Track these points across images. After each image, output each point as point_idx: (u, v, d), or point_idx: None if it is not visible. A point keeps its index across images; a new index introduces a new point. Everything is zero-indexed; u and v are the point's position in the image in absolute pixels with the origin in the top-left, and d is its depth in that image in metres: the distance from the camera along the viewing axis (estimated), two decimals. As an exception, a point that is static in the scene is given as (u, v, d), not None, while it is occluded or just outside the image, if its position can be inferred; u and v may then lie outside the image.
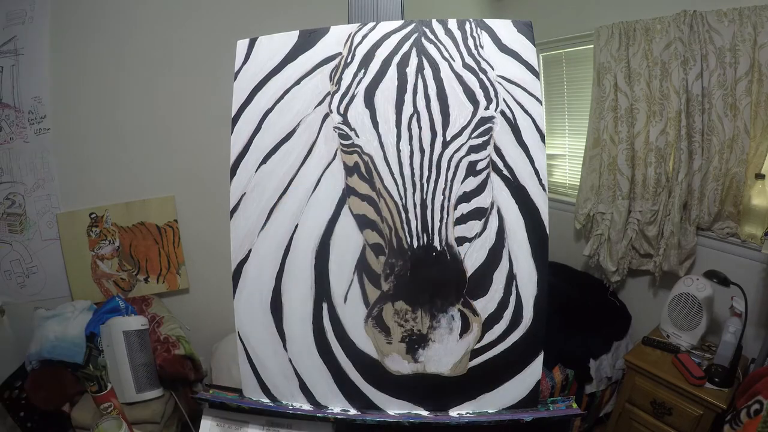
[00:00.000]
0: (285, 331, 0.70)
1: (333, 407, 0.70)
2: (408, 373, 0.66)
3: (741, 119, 1.68)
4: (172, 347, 1.63)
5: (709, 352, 1.71)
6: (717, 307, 1.77)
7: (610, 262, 2.17)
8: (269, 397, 0.71)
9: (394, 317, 0.66)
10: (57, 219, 1.80)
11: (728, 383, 1.56)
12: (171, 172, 1.97)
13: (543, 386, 1.74)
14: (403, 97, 0.65)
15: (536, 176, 0.66)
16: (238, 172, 0.70)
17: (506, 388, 0.68)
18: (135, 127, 1.84)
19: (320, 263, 0.68)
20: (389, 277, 0.65)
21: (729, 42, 1.65)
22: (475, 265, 0.66)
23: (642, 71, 1.92)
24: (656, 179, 1.96)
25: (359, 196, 0.66)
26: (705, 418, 1.54)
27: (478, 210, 0.66)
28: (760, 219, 1.67)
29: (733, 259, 1.80)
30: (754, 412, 1.22)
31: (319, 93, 0.67)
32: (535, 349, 0.67)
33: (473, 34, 0.66)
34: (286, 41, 0.69)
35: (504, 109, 0.66)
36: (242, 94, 0.70)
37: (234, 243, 0.71)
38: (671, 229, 1.94)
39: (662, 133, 1.91)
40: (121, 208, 1.91)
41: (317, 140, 0.68)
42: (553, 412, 0.67)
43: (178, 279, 2.05)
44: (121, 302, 1.64)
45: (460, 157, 0.65)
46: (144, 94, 1.79)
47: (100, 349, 1.50)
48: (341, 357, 0.69)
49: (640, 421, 1.76)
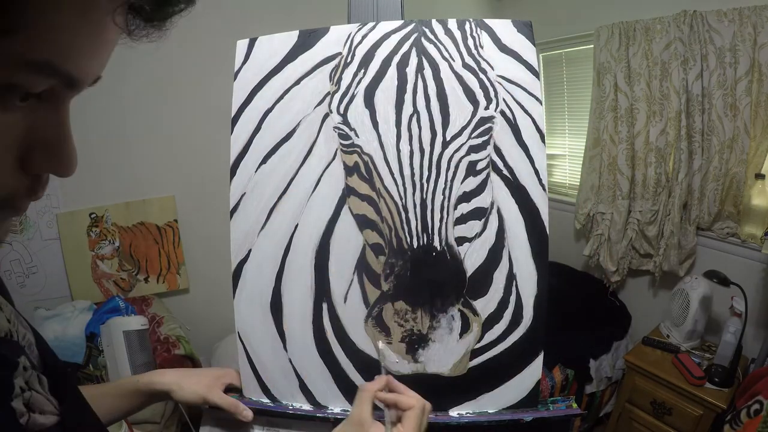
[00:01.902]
0: (285, 331, 0.70)
1: (333, 407, 0.70)
2: (408, 373, 0.66)
3: (741, 119, 1.68)
4: (172, 347, 1.63)
5: (709, 352, 1.71)
6: (717, 307, 1.77)
7: (610, 262, 2.17)
8: (269, 397, 0.71)
9: (394, 317, 0.66)
10: (57, 219, 1.80)
11: (728, 383, 1.56)
12: (171, 172, 1.97)
13: (543, 386, 1.74)
14: (403, 97, 0.65)
15: (536, 176, 0.66)
16: (237, 172, 0.70)
17: (506, 388, 0.68)
18: (135, 127, 1.84)
19: (320, 263, 0.68)
20: (389, 277, 0.65)
21: (729, 42, 1.65)
22: (475, 265, 0.66)
23: (642, 71, 1.92)
24: (656, 179, 1.96)
25: (359, 196, 0.66)
26: (705, 418, 1.54)
27: (478, 210, 0.66)
28: (760, 219, 1.67)
29: (733, 259, 1.81)
30: (754, 412, 1.22)
31: (319, 93, 0.67)
32: (535, 349, 0.67)
33: (473, 34, 0.66)
34: (286, 41, 0.69)
35: (504, 109, 0.65)
36: (242, 94, 0.70)
37: (234, 243, 0.71)
38: (671, 229, 1.94)
39: (662, 133, 1.91)
40: (121, 208, 1.91)
41: (317, 140, 0.68)
42: (553, 412, 0.67)
43: (178, 279, 2.05)
44: (121, 302, 1.64)
45: (460, 157, 0.65)
46: (144, 95, 1.80)
47: (100, 349, 1.50)
48: (341, 357, 0.69)
49: (640, 421, 1.76)
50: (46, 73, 0.24)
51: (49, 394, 0.35)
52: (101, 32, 0.25)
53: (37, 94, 0.25)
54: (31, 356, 0.36)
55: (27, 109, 0.25)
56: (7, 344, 0.34)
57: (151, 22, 0.28)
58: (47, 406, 0.34)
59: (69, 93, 0.27)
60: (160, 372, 0.68)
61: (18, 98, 0.24)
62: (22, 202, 0.28)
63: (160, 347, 1.62)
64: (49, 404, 0.34)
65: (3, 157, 0.25)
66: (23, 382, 0.32)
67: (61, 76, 0.24)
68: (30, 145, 0.26)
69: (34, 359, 0.36)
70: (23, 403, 0.32)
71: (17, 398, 0.31)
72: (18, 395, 0.31)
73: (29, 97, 0.24)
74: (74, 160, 0.28)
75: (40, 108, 0.26)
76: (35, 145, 0.26)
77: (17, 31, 0.21)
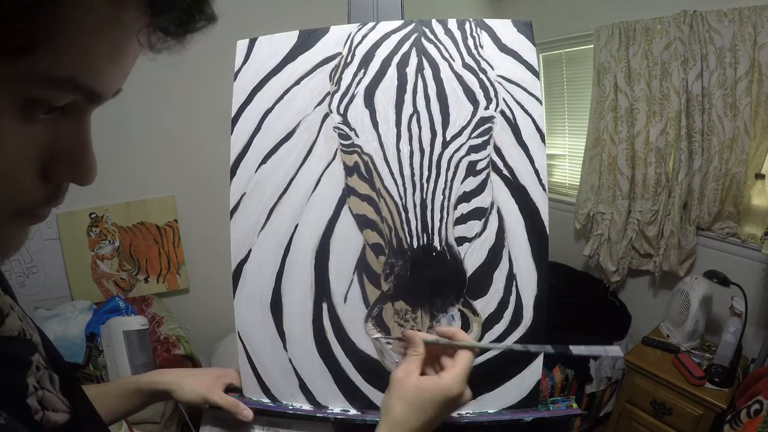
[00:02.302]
0: (285, 331, 0.70)
1: (333, 407, 0.70)
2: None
3: (741, 119, 1.68)
4: (172, 347, 1.63)
5: (709, 352, 1.71)
6: (717, 307, 1.77)
7: (610, 262, 2.17)
8: (269, 397, 0.71)
9: (394, 317, 0.66)
10: (57, 219, 1.80)
11: (728, 383, 1.56)
12: (171, 172, 1.97)
13: (543, 386, 1.74)
14: (403, 96, 0.65)
15: (536, 176, 0.66)
16: (237, 172, 0.70)
17: (506, 388, 0.68)
18: (135, 127, 1.84)
19: (320, 263, 0.68)
20: (389, 277, 0.65)
21: (729, 42, 1.65)
22: (475, 265, 0.66)
23: (642, 71, 1.92)
24: (656, 179, 1.96)
25: (359, 196, 0.66)
26: (705, 418, 1.54)
27: (478, 210, 0.66)
28: (760, 219, 1.67)
29: (733, 259, 1.81)
30: (754, 412, 1.22)
31: (319, 93, 0.67)
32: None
33: (473, 34, 0.65)
34: (286, 41, 0.69)
35: (504, 109, 0.65)
36: (242, 94, 0.70)
37: (234, 243, 0.70)
38: (671, 229, 1.94)
39: (662, 133, 1.91)
40: (121, 208, 1.91)
41: (317, 140, 0.68)
42: (553, 412, 0.67)
43: (178, 279, 2.05)
44: (121, 302, 1.64)
45: (459, 157, 0.65)
46: (144, 94, 1.80)
47: (100, 349, 1.50)
48: (341, 357, 0.69)
49: (640, 421, 1.76)
50: (69, 88, 0.24)
51: (60, 393, 0.35)
52: (124, 50, 0.26)
53: (61, 107, 0.25)
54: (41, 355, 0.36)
55: (50, 122, 0.25)
56: (20, 343, 0.34)
57: (173, 37, 0.28)
58: (59, 404, 0.34)
59: (91, 106, 0.27)
60: (160, 372, 0.68)
61: (41, 112, 0.24)
62: (42, 209, 0.28)
63: (160, 347, 1.62)
64: (60, 403, 0.35)
65: (25, 167, 0.25)
66: (35, 381, 0.33)
67: (84, 91, 0.25)
68: (52, 156, 0.26)
69: (43, 358, 0.36)
70: (37, 400, 0.32)
71: (31, 396, 0.31)
72: (32, 393, 0.32)
73: (53, 110, 0.25)
74: (95, 170, 0.29)
75: (63, 120, 0.26)
76: (58, 155, 0.27)
77: (38, 49, 0.21)
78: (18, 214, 0.27)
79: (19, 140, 0.24)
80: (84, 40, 0.23)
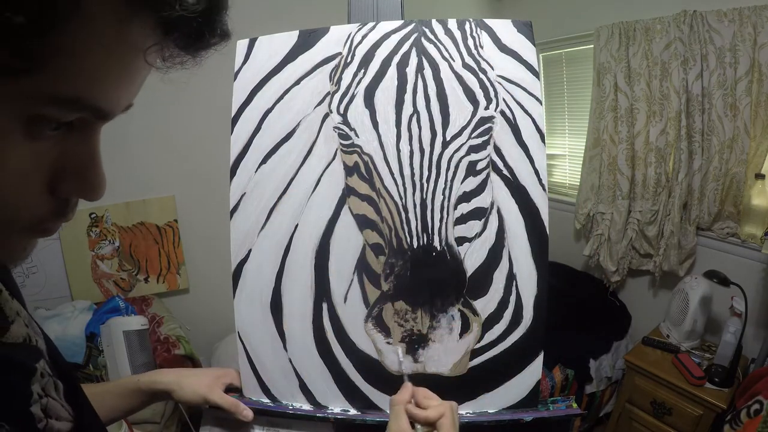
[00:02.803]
0: (285, 331, 0.70)
1: (333, 407, 0.70)
2: (408, 374, 0.66)
3: (741, 119, 1.68)
4: (172, 347, 1.63)
5: (709, 352, 1.71)
6: (717, 307, 1.77)
7: (610, 262, 2.17)
8: (269, 397, 0.71)
9: (394, 317, 0.66)
10: (57, 219, 1.80)
11: (728, 383, 1.56)
12: (171, 172, 1.97)
13: (543, 386, 1.74)
14: (403, 97, 0.65)
15: (536, 176, 0.66)
16: (237, 172, 0.70)
17: (506, 388, 0.68)
18: (135, 127, 1.84)
19: (320, 263, 0.68)
20: (389, 277, 0.65)
21: (729, 42, 1.65)
22: (475, 265, 0.66)
23: (642, 71, 1.92)
24: (656, 179, 1.96)
25: (359, 196, 0.66)
26: (705, 418, 1.54)
27: (478, 210, 0.66)
28: (760, 219, 1.67)
29: (733, 259, 1.81)
30: (754, 412, 1.22)
31: (319, 93, 0.67)
32: (535, 349, 0.67)
33: (473, 34, 0.65)
34: (286, 41, 0.69)
35: (504, 109, 0.65)
36: (242, 94, 0.70)
37: (234, 243, 0.70)
38: (671, 229, 1.94)
39: (662, 133, 1.91)
40: (121, 208, 1.91)
41: (317, 140, 0.68)
42: (553, 412, 0.67)
43: (178, 279, 2.05)
44: (121, 302, 1.64)
45: (459, 157, 0.65)
46: (144, 94, 1.79)
47: (100, 349, 1.50)
48: (341, 357, 0.69)
49: (640, 421, 1.76)
50: (75, 107, 0.24)
51: (63, 401, 0.35)
52: (132, 68, 0.26)
53: (69, 122, 0.25)
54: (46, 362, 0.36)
55: (58, 137, 0.25)
56: (25, 349, 0.34)
57: (186, 54, 0.28)
58: (62, 412, 0.34)
59: (99, 122, 0.27)
60: (160, 372, 0.68)
61: (49, 128, 0.24)
62: (51, 224, 0.28)
63: (160, 347, 1.62)
64: (64, 411, 0.34)
65: (33, 182, 0.25)
66: (40, 388, 0.32)
67: (91, 110, 0.25)
68: (60, 171, 0.26)
69: (48, 365, 0.36)
70: (41, 408, 0.32)
71: (35, 404, 0.31)
72: (36, 401, 0.31)
73: (60, 126, 0.25)
74: (104, 186, 0.29)
75: (72, 135, 0.26)
76: (66, 170, 0.26)
77: (43, 69, 0.21)
78: (25, 228, 0.27)
79: (26, 156, 0.24)
80: (90, 60, 0.23)
